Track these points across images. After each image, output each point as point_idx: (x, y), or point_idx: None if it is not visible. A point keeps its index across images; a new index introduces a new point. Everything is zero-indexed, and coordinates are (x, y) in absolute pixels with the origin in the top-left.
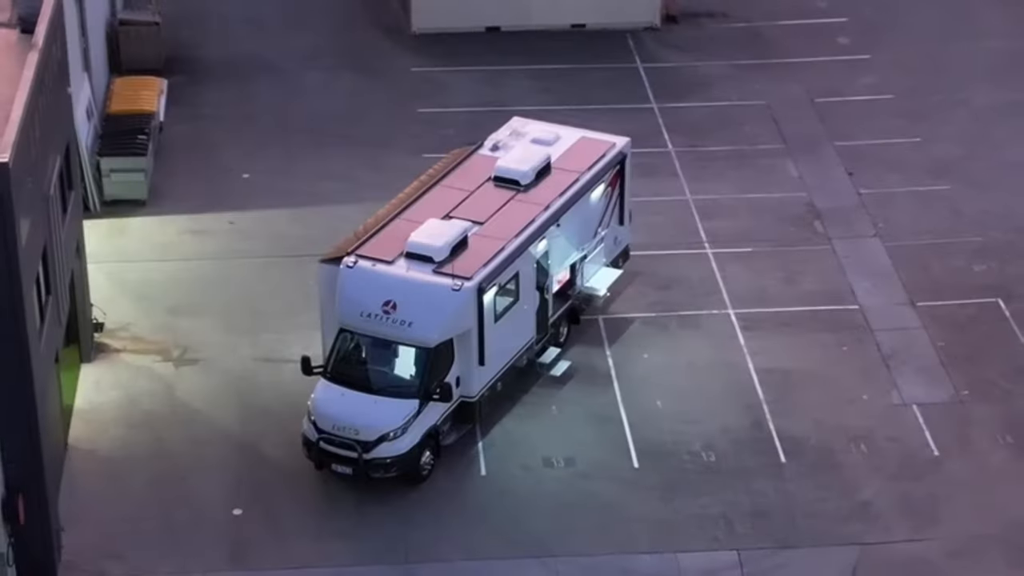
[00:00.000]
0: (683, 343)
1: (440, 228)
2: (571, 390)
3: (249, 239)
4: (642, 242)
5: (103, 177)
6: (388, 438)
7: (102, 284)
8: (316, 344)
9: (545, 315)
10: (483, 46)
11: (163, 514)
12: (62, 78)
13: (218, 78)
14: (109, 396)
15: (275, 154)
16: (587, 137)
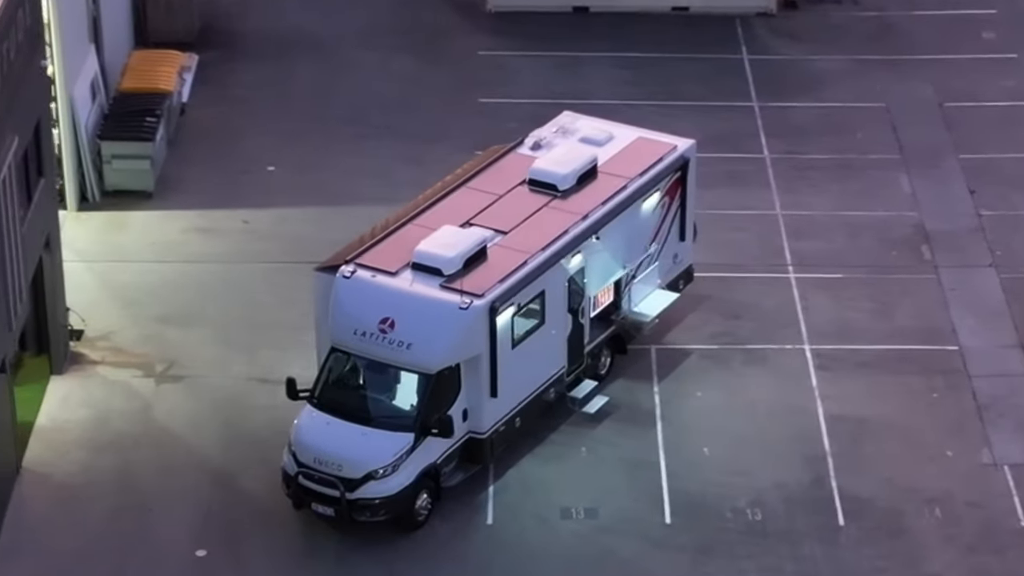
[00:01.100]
0: (744, 381)
1: (454, 237)
2: (606, 430)
3: (263, 241)
4: (713, 262)
5: (104, 163)
6: (376, 476)
7: (89, 286)
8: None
9: (579, 342)
10: (567, 28)
11: (118, 550)
12: (30, 49)
13: (256, 55)
14: (76, 414)
15: (308, 145)
16: (645, 138)
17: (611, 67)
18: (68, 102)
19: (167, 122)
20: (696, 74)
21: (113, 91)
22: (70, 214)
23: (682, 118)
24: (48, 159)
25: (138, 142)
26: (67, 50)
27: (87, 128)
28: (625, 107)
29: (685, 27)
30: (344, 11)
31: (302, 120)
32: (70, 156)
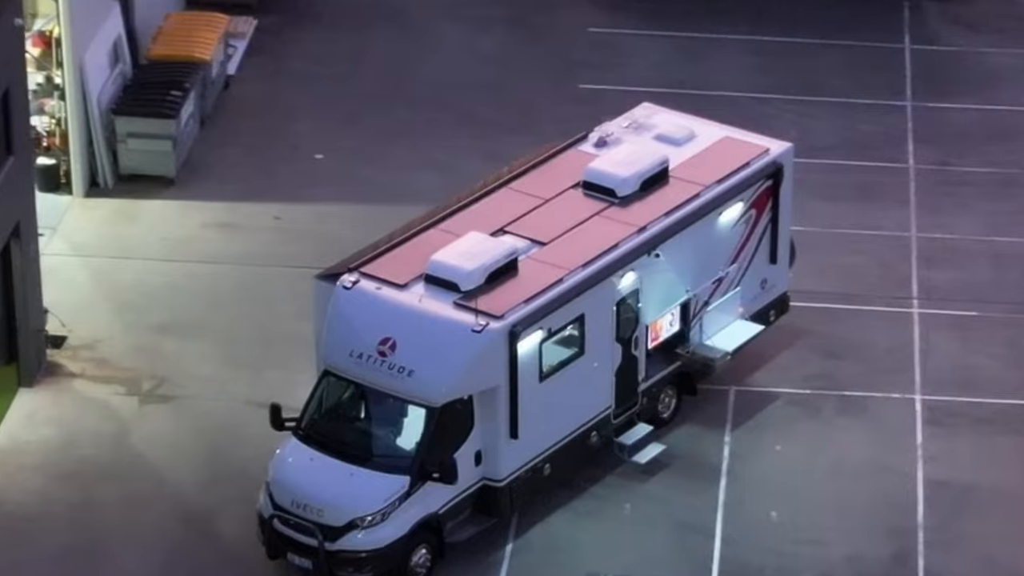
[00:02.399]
0: (834, 434)
1: (479, 247)
2: (658, 484)
3: (294, 242)
4: (820, 290)
5: (118, 143)
6: (361, 524)
7: (82, 284)
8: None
9: (631, 378)
10: (698, 4)
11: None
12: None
13: (326, 23)
14: (40, 434)
15: (367, 131)
16: (733, 138)
17: (740, 52)
18: (76, 69)
19: (199, 97)
20: (842, 64)
21: (142, 59)
22: (76, 200)
23: (816, 116)
24: (20, 135)
25: (158, 119)
26: (76, 8)
27: (100, 101)
28: (749, 100)
29: (839, 7)
30: None
31: (365, 101)
32: (77, 133)
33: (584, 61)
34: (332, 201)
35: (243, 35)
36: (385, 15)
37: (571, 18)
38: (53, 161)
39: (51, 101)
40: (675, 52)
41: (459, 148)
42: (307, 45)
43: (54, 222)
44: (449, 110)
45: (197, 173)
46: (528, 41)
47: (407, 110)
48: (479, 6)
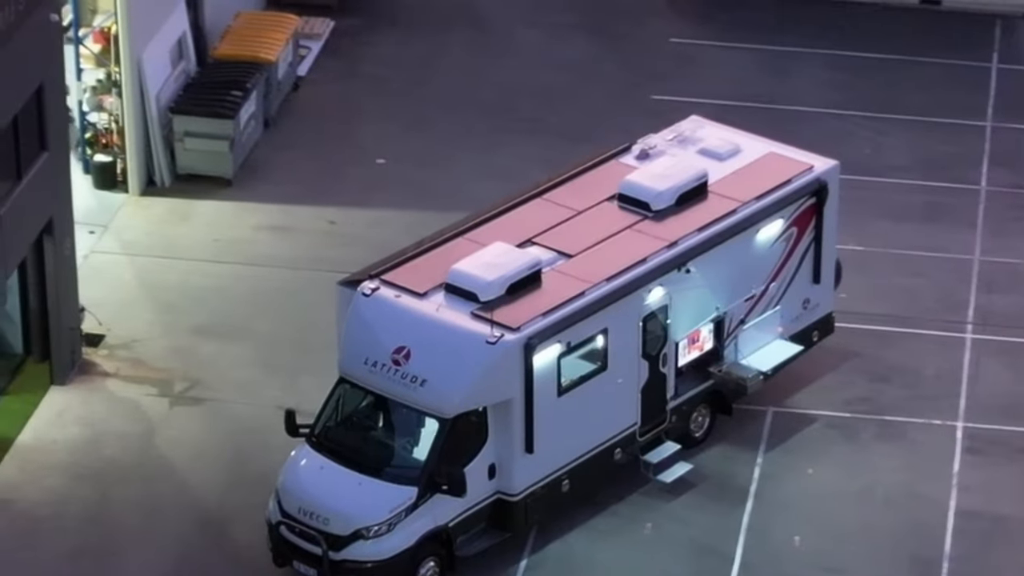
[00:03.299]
0: (870, 460)
1: (502, 257)
2: (683, 504)
3: (347, 247)
4: (873, 311)
5: (176, 141)
6: (366, 535)
7: (127, 283)
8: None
9: (659, 395)
10: (784, 17)
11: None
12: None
13: (404, 26)
14: (67, 433)
15: (433, 136)
16: (778, 154)
17: (823, 67)
18: (134, 67)
19: (263, 98)
20: (925, 82)
21: (209, 58)
22: (131, 198)
23: (893, 134)
24: (55, 131)
25: (216, 119)
26: (135, 5)
27: (159, 98)
28: (826, 116)
29: (930, 24)
30: None
31: (435, 106)
32: (134, 131)
33: (661, 72)
34: (389, 207)
35: (319, 36)
36: (464, 20)
37: (654, 28)
38: (110, 159)
39: (110, 98)
40: (754, 65)
41: (523, 156)
42: (383, 48)
43: (107, 220)
44: (518, 118)
45: (256, 174)
46: (607, 50)
47: (475, 116)
48: (561, 13)
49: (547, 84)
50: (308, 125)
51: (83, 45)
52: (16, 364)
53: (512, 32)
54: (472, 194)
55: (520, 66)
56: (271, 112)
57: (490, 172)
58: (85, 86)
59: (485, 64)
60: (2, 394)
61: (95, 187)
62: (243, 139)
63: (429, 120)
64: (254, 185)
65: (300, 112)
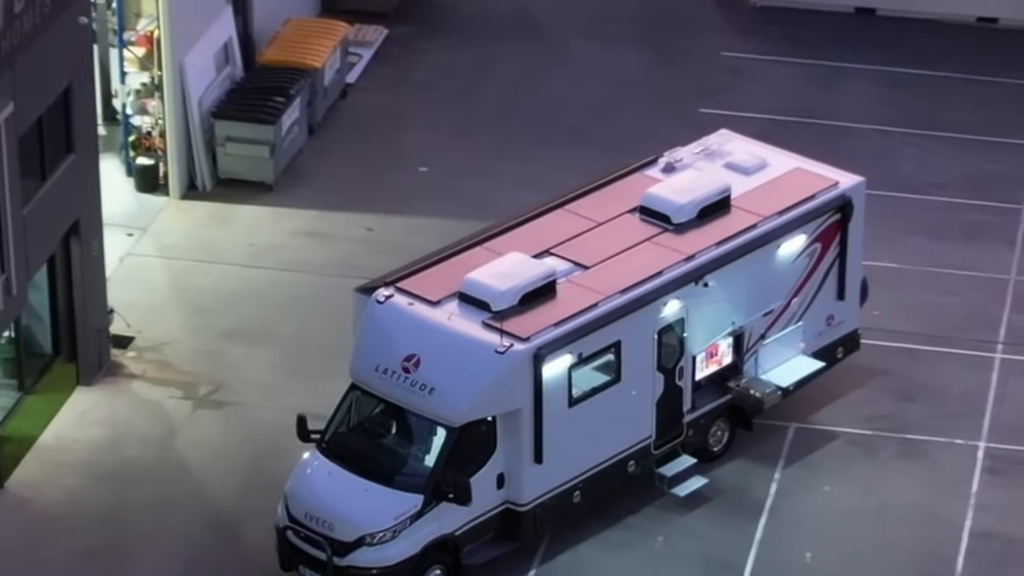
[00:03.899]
0: (888, 478)
1: (517, 267)
2: (697, 518)
3: (382, 254)
4: (903, 329)
5: (217, 146)
6: (370, 541)
7: (160, 285)
8: None
9: (675, 408)
10: (840, 32)
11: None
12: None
13: (458, 35)
14: (88, 433)
15: (477, 146)
16: (804, 169)
17: (874, 83)
18: (176, 71)
19: (308, 104)
20: (977, 100)
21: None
22: (171, 202)
23: (938, 152)
24: (83, 133)
25: (257, 124)
26: (178, 10)
27: (201, 103)
28: (872, 132)
29: (987, 42)
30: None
31: (481, 116)
32: (175, 134)
33: (711, 85)
34: (427, 215)
35: (370, 44)
36: (519, 30)
37: (707, 41)
38: (152, 162)
39: (153, 102)
40: (805, 80)
41: (566, 168)
42: (434, 56)
43: (146, 222)
44: (564, 129)
45: (298, 180)
46: (659, 63)
47: (521, 126)
48: (619, 24)
49: (595, 96)
50: (353, 132)
51: (127, 48)
52: (45, 364)
53: (566, 44)
54: (510, 204)
55: (570, 78)
56: (316, 118)
57: (530, 183)
58: (129, 89)
59: (535, 75)
60: (28, 393)
61: (137, 190)
62: (285, 145)
63: (474, 129)
64: (295, 191)
65: (346, 119)
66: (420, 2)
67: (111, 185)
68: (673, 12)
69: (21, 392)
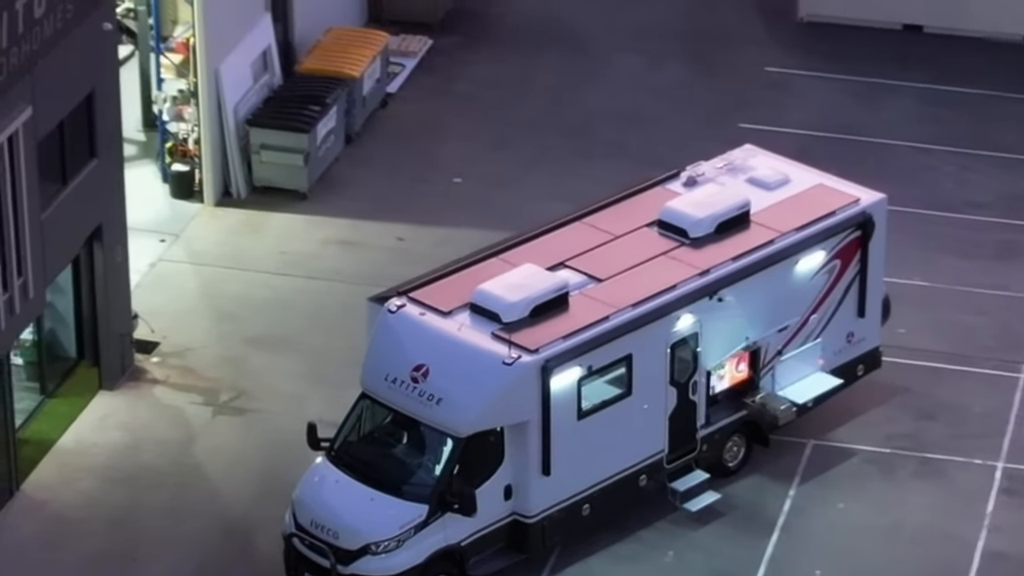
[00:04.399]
0: (904, 497)
1: (529, 279)
2: (708, 533)
3: (411, 264)
4: (928, 348)
5: (252, 154)
6: (374, 550)
7: (189, 292)
8: None
9: (688, 423)
10: (886, 48)
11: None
12: (79, 7)
13: (503, 46)
14: (107, 438)
15: (513, 157)
16: (826, 185)
17: (918, 101)
18: (212, 78)
19: (344, 113)
20: (1020, 120)
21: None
22: (205, 208)
23: (978, 171)
24: (106, 138)
25: (291, 132)
26: (214, 17)
27: (237, 110)
28: (912, 149)
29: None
30: (627, 6)
31: (519, 127)
32: (209, 141)
33: (752, 100)
34: (459, 225)
35: (414, 54)
36: (564, 42)
37: (751, 56)
38: (188, 168)
39: (189, 108)
40: (847, 96)
41: (600, 180)
42: (477, 67)
43: (179, 228)
44: (601, 141)
45: (332, 189)
46: (701, 77)
47: (559, 138)
48: (663, 38)
49: (634, 109)
50: (390, 142)
51: (164, 55)
52: (69, 367)
53: (609, 56)
54: (542, 216)
55: (611, 90)
56: (354, 128)
57: (563, 195)
58: (165, 96)
59: (577, 87)
60: (50, 396)
61: (172, 196)
62: (320, 153)
63: (511, 141)
64: (329, 199)
65: (385, 128)
66: (466, 13)
67: (147, 191)
68: (718, 26)
69: (43, 395)
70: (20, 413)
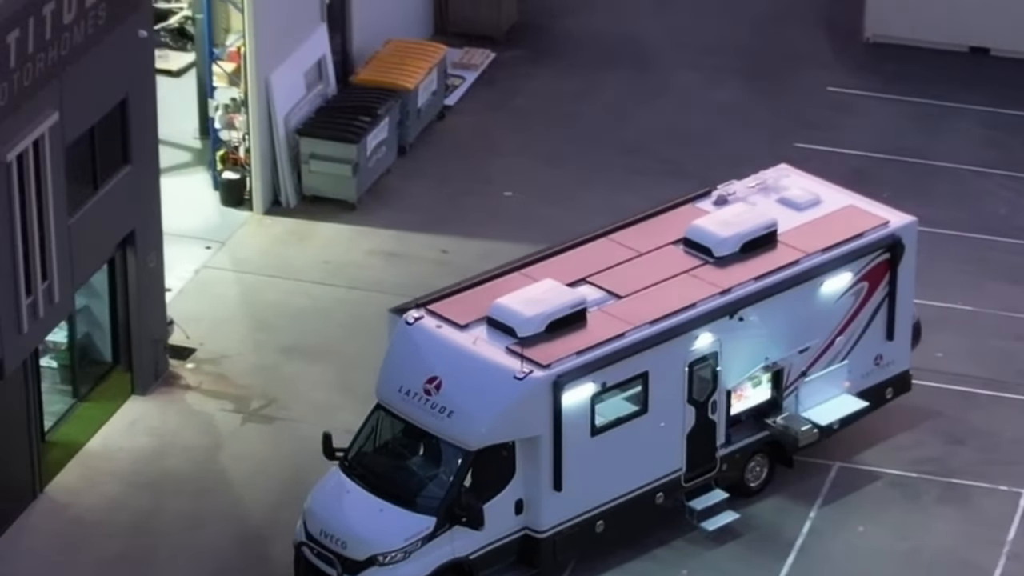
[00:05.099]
0: (925, 521)
1: (547, 294)
2: (724, 553)
3: (453, 276)
4: (964, 372)
5: (302, 163)
6: (381, 561)
7: (229, 299)
8: None
9: (707, 442)
10: (951, 71)
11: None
12: (112, 13)
13: (565, 61)
14: (136, 442)
15: (566, 173)
16: (856, 207)
17: (978, 124)
18: (261, 87)
19: (398, 125)
20: None
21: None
22: (253, 217)
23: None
24: (141, 145)
25: (340, 143)
26: (265, 27)
27: (288, 120)
28: (967, 173)
29: None
30: (692, 24)
31: (575, 143)
32: (259, 150)
33: (811, 120)
34: (504, 239)
35: (476, 67)
36: (627, 58)
37: (815, 76)
38: (238, 176)
39: (240, 117)
40: (908, 118)
41: (652, 198)
42: (538, 82)
43: (226, 236)
44: (656, 158)
45: (381, 200)
46: (762, 96)
47: (614, 155)
48: (726, 55)
49: (693, 127)
50: (444, 154)
51: (216, 63)
52: (103, 372)
53: (672, 74)
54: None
55: (671, 108)
56: (407, 139)
57: (612, 211)
58: (217, 104)
59: (636, 103)
60: (82, 400)
61: (222, 204)
62: (370, 164)
63: (566, 156)
64: (378, 210)
65: (440, 141)
66: (532, 27)
67: (198, 198)
68: (784, 45)
69: (75, 399)
70: (51, 416)
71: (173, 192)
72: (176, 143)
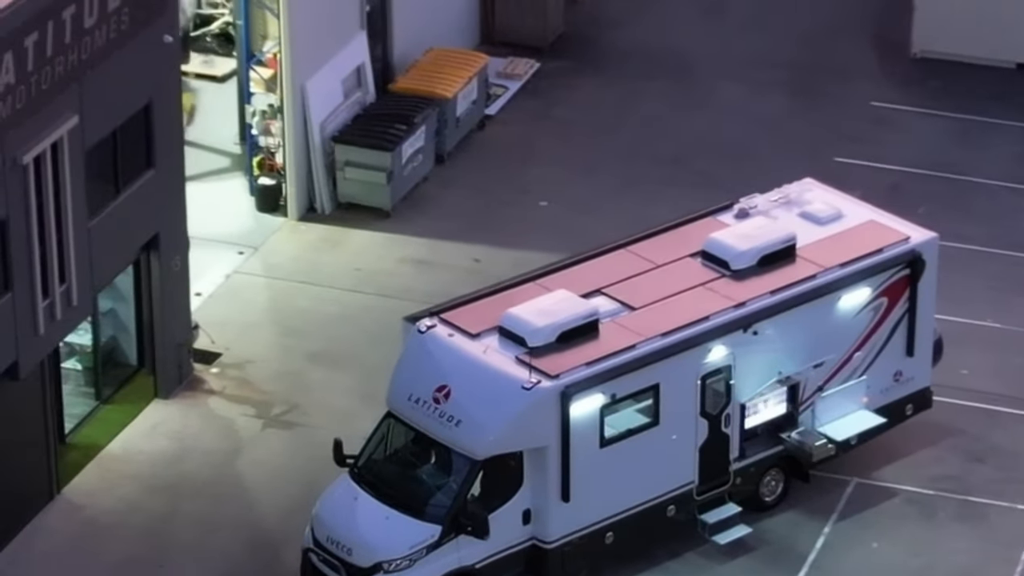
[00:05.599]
0: (940, 539)
1: (559, 305)
2: (736, 567)
3: (482, 285)
4: (987, 390)
5: (337, 170)
6: (386, 568)
7: (258, 304)
8: None
9: (720, 455)
10: (995, 87)
11: None
12: (135, 17)
13: (608, 72)
14: (156, 446)
15: (600, 183)
16: (877, 222)
17: (1017, 140)
18: (297, 94)
19: (436, 133)
20: None
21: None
22: (288, 223)
23: None
24: (165, 149)
25: (375, 150)
26: (301, 33)
27: (324, 127)
28: (1006, 190)
29: None
30: (739, 34)
31: (613, 154)
32: (293, 156)
33: (852, 134)
34: (537, 249)
35: (519, 77)
36: (670, 70)
37: (858, 89)
38: (274, 182)
39: (276, 123)
40: (949, 134)
41: (684, 209)
42: (580, 92)
43: (259, 242)
44: (693, 170)
45: (416, 208)
46: (804, 109)
47: (651, 166)
48: (771, 68)
49: (731, 139)
50: (482, 163)
51: (253, 70)
52: (128, 375)
53: (714, 85)
54: None
55: (711, 120)
56: (445, 148)
57: (645, 223)
58: (254, 110)
59: (677, 115)
60: (105, 403)
61: (257, 209)
62: (405, 172)
63: (603, 167)
64: (412, 218)
65: (479, 150)
66: (577, 37)
67: (234, 203)
68: (830, 58)
69: (98, 401)
70: (72, 418)
71: (210, 197)
72: (216, 148)
